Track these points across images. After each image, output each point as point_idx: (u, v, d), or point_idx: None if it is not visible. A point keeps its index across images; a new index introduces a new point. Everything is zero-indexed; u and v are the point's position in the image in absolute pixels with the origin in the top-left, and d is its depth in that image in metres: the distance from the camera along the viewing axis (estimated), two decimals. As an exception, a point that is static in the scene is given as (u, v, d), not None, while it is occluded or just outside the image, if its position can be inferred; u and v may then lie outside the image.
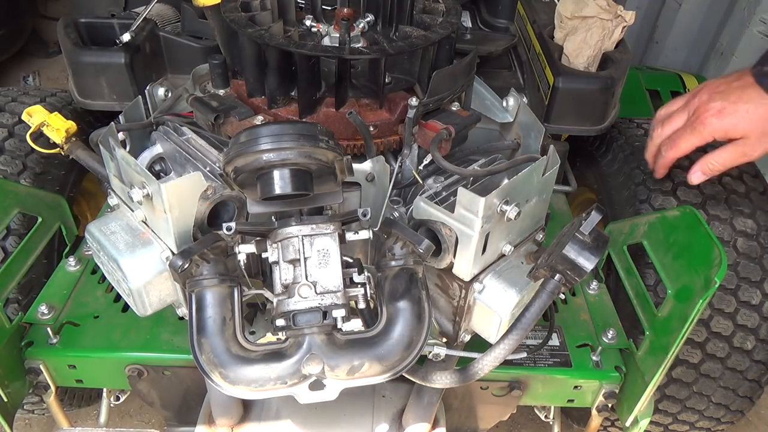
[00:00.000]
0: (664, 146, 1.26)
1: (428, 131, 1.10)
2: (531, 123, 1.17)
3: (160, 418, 1.82)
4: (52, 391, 1.26)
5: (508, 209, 0.94)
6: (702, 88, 1.21)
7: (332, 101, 1.10)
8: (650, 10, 3.15)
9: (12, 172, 1.38)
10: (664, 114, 1.29)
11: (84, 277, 1.36)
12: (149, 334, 1.24)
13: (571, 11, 1.48)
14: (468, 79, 1.20)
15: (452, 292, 1.05)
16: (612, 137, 1.66)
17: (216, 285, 0.92)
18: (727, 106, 1.14)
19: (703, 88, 1.21)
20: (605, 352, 1.26)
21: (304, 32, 1.19)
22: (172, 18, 1.75)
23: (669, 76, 2.44)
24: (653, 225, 1.21)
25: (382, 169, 1.07)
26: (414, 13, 1.23)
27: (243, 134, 0.86)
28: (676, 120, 1.24)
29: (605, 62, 1.50)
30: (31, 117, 1.18)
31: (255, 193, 0.89)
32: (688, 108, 1.21)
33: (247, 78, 1.13)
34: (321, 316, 0.88)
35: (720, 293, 1.28)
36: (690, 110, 1.21)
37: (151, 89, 1.20)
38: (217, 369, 0.89)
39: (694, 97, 1.21)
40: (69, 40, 1.46)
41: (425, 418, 1.23)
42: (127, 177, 1.02)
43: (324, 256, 0.91)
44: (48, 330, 1.21)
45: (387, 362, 0.91)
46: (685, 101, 1.24)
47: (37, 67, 3.58)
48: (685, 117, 1.22)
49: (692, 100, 1.21)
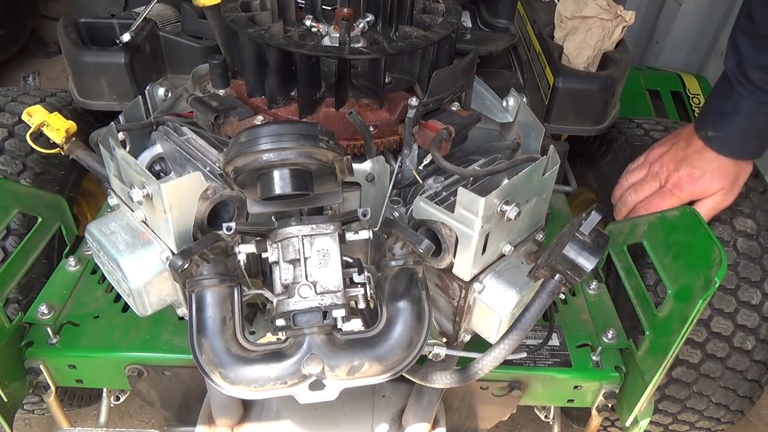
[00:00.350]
0: (640, 207, 1.38)
1: (428, 131, 1.10)
2: (531, 123, 1.17)
3: (160, 418, 1.82)
4: (52, 391, 1.26)
5: (508, 209, 0.94)
6: (661, 157, 1.37)
7: (332, 101, 1.10)
8: (650, 10, 3.15)
9: (12, 172, 1.38)
10: (628, 184, 1.43)
11: (84, 277, 1.36)
12: (149, 334, 1.24)
13: (571, 11, 1.48)
14: (468, 79, 1.20)
15: (452, 292, 1.05)
16: (612, 137, 1.66)
17: (216, 285, 0.92)
18: (694, 171, 1.30)
19: (662, 157, 1.37)
20: (605, 352, 1.26)
21: (304, 32, 1.19)
22: (172, 18, 1.74)
23: (669, 76, 2.43)
24: (653, 225, 1.21)
25: (382, 169, 1.07)
26: (414, 13, 1.23)
27: (243, 134, 0.86)
28: (647, 187, 1.38)
29: (605, 62, 1.50)
30: (31, 117, 1.18)
31: (255, 193, 0.89)
32: (659, 177, 1.36)
33: (247, 78, 1.13)
34: (321, 316, 0.88)
35: (720, 293, 1.28)
36: (661, 179, 1.35)
37: (151, 89, 1.20)
38: (217, 369, 0.89)
39: (661, 167, 1.36)
40: (69, 40, 1.46)
41: (425, 418, 1.23)
42: (127, 177, 1.02)
43: (324, 256, 0.91)
44: (48, 330, 1.21)
45: (387, 362, 0.90)
46: (647, 170, 1.39)
47: (37, 67, 3.58)
48: (657, 185, 1.36)
49: (659, 170, 1.36)
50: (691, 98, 2.32)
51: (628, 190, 1.41)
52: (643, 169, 1.40)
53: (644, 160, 1.42)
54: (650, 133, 1.63)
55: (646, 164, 1.40)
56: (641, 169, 1.41)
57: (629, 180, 1.43)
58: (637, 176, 1.41)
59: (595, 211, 0.85)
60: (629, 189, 1.41)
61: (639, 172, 1.41)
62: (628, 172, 1.45)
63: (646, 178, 1.39)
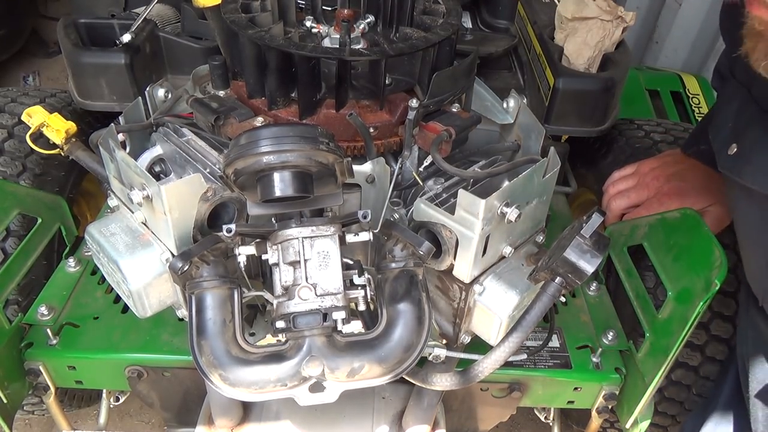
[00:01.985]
0: (627, 217, 1.38)
1: (429, 133, 1.10)
2: (531, 124, 1.17)
3: (160, 419, 1.82)
4: (52, 392, 1.26)
5: (509, 211, 0.94)
6: (652, 170, 1.38)
7: (332, 103, 1.10)
8: (650, 10, 3.14)
9: (12, 173, 1.38)
10: (615, 191, 1.42)
11: (84, 278, 1.36)
12: (149, 336, 1.24)
13: (571, 12, 1.48)
14: (468, 80, 1.20)
15: (452, 293, 1.05)
16: (612, 138, 1.66)
17: (216, 287, 0.92)
18: (684, 185, 1.30)
19: (653, 170, 1.37)
20: (605, 354, 1.25)
21: (305, 33, 1.19)
22: (172, 18, 1.74)
23: (669, 76, 2.43)
24: (653, 227, 1.21)
25: (382, 170, 1.06)
26: (414, 14, 1.22)
27: (243, 136, 0.86)
28: (634, 196, 1.37)
29: (605, 63, 1.50)
30: (30, 118, 1.18)
31: (255, 195, 0.89)
32: (648, 188, 1.36)
33: (248, 79, 1.13)
34: (321, 318, 0.88)
35: (720, 296, 1.28)
36: (650, 190, 1.35)
37: (151, 90, 1.20)
38: (217, 371, 0.89)
39: (652, 179, 1.36)
40: (69, 40, 1.46)
41: (425, 419, 1.23)
42: (127, 178, 1.01)
43: (324, 258, 0.91)
44: (48, 331, 1.21)
45: (387, 364, 0.90)
46: (636, 180, 1.39)
47: (37, 67, 3.57)
48: (645, 195, 1.36)
49: (649, 182, 1.36)
50: (691, 98, 2.32)
51: (615, 197, 1.41)
52: (633, 179, 1.40)
53: (635, 171, 1.42)
54: (650, 135, 1.63)
55: (637, 175, 1.40)
56: (631, 179, 1.41)
57: (617, 187, 1.42)
58: (625, 185, 1.41)
59: (596, 214, 0.85)
60: (616, 196, 1.41)
61: (628, 181, 1.41)
62: (614, 180, 1.44)
63: (635, 187, 1.38)
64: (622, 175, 1.43)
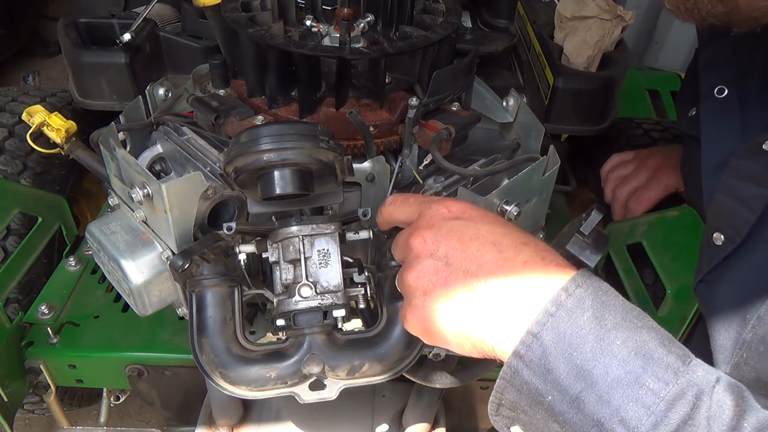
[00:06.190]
0: (631, 202, 1.41)
1: (428, 131, 1.10)
2: (531, 123, 1.17)
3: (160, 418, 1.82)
4: (52, 390, 1.26)
5: (509, 209, 0.94)
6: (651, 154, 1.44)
7: (332, 101, 1.10)
8: (650, 10, 3.15)
9: (12, 172, 1.38)
10: (615, 177, 1.47)
11: (84, 276, 1.36)
12: (149, 334, 1.24)
13: (571, 11, 1.48)
14: (468, 79, 1.20)
15: (452, 292, 1.05)
16: (612, 137, 1.66)
17: (216, 285, 0.92)
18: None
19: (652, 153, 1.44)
20: (605, 352, 1.25)
21: (305, 32, 1.19)
22: (172, 18, 1.74)
23: (669, 76, 2.43)
24: (653, 225, 1.21)
25: (382, 169, 1.07)
26: (414, 13, 1.22)
27: (243, 134, 0.86)
28: (634, 181, 1.42)
29: (605, 62, 1.50)
30: (31, 117, 1.18)
31: (255, 193, 0.89)
32: (647, 168, 1.41)
33: (248, 78, 1.13)
34: (321, 316, 0.88)
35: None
36: (649, 170, 1.40)
37: (151, 89, 1.20)
38: (218, 369, 0.89)
39: (651, 159, 1.41)
40: (69, 40, 1.46)
41: (425, 418, 1.23)
42: (128, 177, 1.02)
43: (324, 256, 0.91)
44: (48, 330, 1.22)
45: (387, 362, 0.90)
46: (636, 164, 1.43)
47: (37, 67, 3.58)
48: (645, 176, 1.40)
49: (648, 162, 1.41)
50: (691, 98, 2.32)
51: (618, 186, 1.44)
52: (633, 164, 1.43)
53: (635, 156, 1.45)
54: (650, 133, 1.63)
55: (636, 159, 1.43)
56: (631, 164, 1.44)
57: (616, 174, 1.45)
58: (624, 171, 1.44)
59: (595, 211, 0.85)
60: (619, 184, 1.44)
61: (627, 167, 1.44)
62: (614, 165, 1.48)
63: (635, 172, 1.41)
64: (622, 160, 1.46)
